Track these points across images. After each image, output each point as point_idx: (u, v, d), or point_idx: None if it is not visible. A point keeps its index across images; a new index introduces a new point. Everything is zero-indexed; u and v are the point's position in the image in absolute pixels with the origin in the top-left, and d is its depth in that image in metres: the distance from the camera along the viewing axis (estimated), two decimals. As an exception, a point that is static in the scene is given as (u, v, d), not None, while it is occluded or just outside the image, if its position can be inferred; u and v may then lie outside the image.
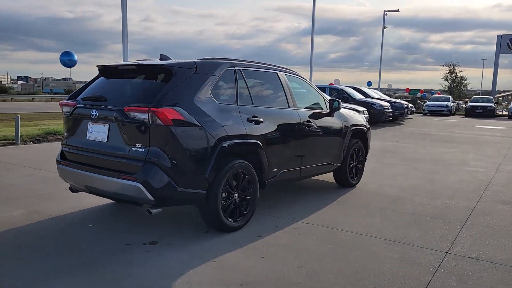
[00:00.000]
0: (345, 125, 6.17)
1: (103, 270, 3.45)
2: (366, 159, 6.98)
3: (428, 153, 10.64)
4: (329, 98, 6.04)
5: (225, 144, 4.18)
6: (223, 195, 4.27)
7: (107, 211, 5.04)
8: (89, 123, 4.26)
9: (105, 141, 4.10)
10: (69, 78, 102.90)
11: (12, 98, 45.35)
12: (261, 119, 4.66)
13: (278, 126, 4.89)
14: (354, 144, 6.48)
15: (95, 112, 4.12)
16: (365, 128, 6.76)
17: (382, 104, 18.42)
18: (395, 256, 3.93)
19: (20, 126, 10.70)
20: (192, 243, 4.09)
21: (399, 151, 10.76)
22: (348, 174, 6.39)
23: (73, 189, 4.63)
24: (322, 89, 18.36)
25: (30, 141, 10.96)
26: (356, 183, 6.66)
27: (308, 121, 5.38)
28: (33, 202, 5.27)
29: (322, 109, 5.89)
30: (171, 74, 4.07)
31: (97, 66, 4.63)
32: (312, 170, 5.68)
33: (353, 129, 6.37)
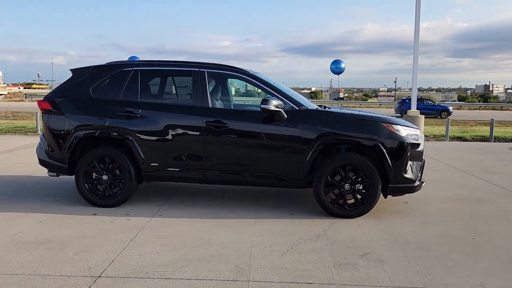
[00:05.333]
0: (306, 132, 4.84)
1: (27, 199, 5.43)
2: (391, 186, 4.86)
3: None
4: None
5: (83, 132, 5.12)
6: (94, 174, 5.22)
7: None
8: None
9: None
10: None
11: (501, 107, 49.58)
12: (138, 114, 5.08)
13: (161, 122, 5.01)
14: (344, 159, 4.84)
15: None
16: (373, 142, 4.78)
17: None
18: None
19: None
20: (68, 205, 5.29)
21: None
22: (325, 197, 4.89)
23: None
24: None
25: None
26: (354, 215, 4.86)
27: (217, 121, 4.96)
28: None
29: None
30: (70, 75, 5.49)
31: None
32: (236, 178, 5.03)
33: (331, 139, 4.82)
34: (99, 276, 3.31)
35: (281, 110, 4.78)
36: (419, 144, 4.93)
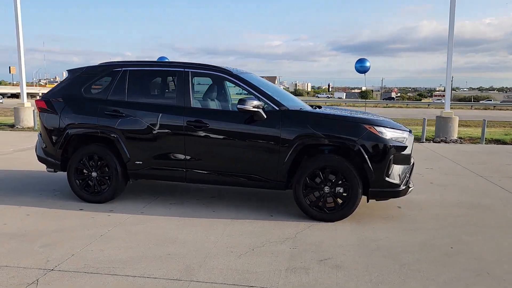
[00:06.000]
0: (284, 133, 4.77)
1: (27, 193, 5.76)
2: (372, 190, 4.68)
3: None
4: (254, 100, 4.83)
5: (73, 130, 5.34)
6: (84, 171, 5.43)
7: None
8: None
9: None
10: None
11: None
12: (123, 113, 5.23)
13: (145, 121, 5.12)
14: (323, 161, 4.74)
15: None
16: (353, 143, 4.63)
17: None
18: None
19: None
20: (62, 200, 5.53)
21: None
22: (305, 200, 4.81)
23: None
24: None
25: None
26: (334, 218, 4.73)
27: (198, 121, 5.00)
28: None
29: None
30: (67, 75, 5.72)
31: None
32: (216, 177, 5.06)
33: (309, 140, 4.72)
34: (52, 269, 3.43)
35: (259, 110, 4.74)
36: (405, 147, 4.72)
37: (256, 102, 4.71)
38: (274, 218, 4.88)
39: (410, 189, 4.84)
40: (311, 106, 5.66)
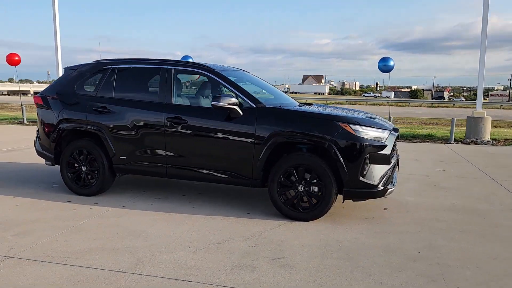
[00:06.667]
0: (259, 130, 4.75)
1: (28, 184, 6.15)
2: (346, 190, 4.57)
3: None
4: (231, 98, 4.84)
5: (65, 125, 5.58)
6: (76, 165, 5.66)
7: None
8: None
9: None
10: None
11: None
12: (110, 110, 5.40)
13: (128, 117, 5.25)
14: (297, 160, 4.69)
15: None
16: (326, 141, 4.53)
17: None
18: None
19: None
20: (56, 192, 5.79)
21: None
22: (279, 198, 4.77)
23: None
24: None
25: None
26: (308, 218, 4.65)
27: (177, 117, 5.08)
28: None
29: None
30: (63, 73, 5.98)
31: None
32: (194, 174, 5.10)
33: (283, 138, 4.68)
34: (10, 257, 3.60)
35: (234, 107, 4.73)
36: (383, 146, 4.56)
37: (232, 99, 4.71)
38: (250, 215, 4.86)
39: (389, 190, 4.66)
40: (300, 104, 5.60)
